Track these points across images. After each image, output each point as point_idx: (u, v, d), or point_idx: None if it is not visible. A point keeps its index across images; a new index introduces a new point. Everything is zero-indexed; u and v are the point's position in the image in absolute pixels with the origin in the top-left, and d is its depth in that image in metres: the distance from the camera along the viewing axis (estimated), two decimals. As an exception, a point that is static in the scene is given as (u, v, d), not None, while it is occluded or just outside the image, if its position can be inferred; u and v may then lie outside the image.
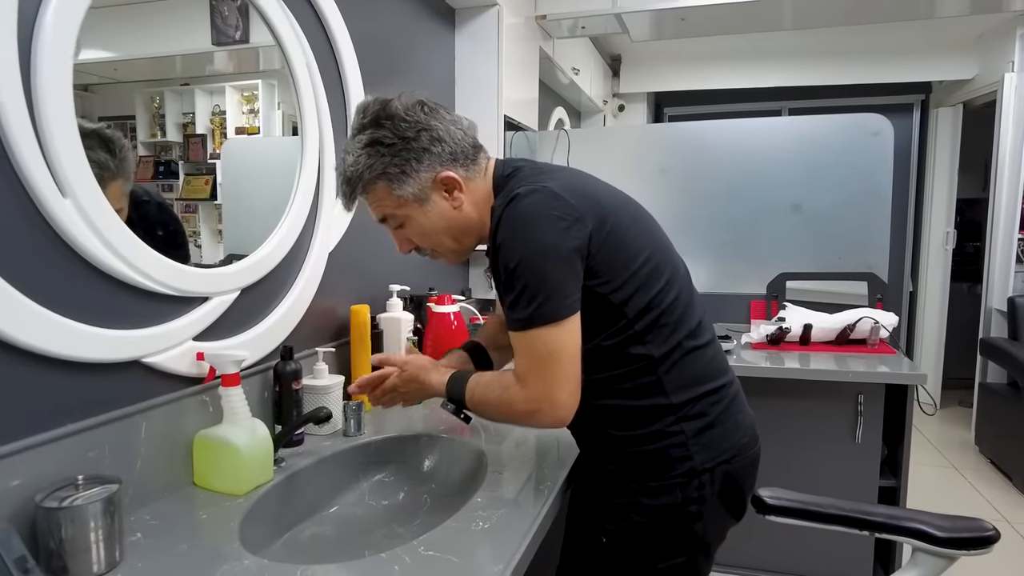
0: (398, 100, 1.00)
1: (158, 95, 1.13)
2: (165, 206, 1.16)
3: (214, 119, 1.22)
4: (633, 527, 1.04)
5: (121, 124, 1.04)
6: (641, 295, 0.98)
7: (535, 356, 0.94)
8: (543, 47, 2.70)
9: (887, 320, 2.19)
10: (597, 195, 1.00)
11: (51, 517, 0.81)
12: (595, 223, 0.95)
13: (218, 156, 1.22)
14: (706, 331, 1.08)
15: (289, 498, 1.13)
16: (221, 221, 1.22)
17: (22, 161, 0.82)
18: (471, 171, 1.03)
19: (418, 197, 1.00)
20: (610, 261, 0.96)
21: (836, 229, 2.45)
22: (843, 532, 1.08)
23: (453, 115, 1.04)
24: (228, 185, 1.23)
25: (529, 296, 0.92)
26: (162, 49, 1.14)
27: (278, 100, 1.36)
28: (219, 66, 1.27)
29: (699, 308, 1.08)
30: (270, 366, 1.27)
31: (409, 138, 0.98)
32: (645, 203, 1.11)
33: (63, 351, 0.88)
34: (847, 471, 2.05)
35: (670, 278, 1.02)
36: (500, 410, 1.01)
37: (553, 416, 0.95)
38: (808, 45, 4.04)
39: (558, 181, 0.97)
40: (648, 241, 1.01)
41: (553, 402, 0.94)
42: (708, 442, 1.02)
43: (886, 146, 2.36)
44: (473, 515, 0.99)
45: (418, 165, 0.99)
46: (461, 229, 1.04)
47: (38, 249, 0.86)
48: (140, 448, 1.01)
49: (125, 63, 1.05)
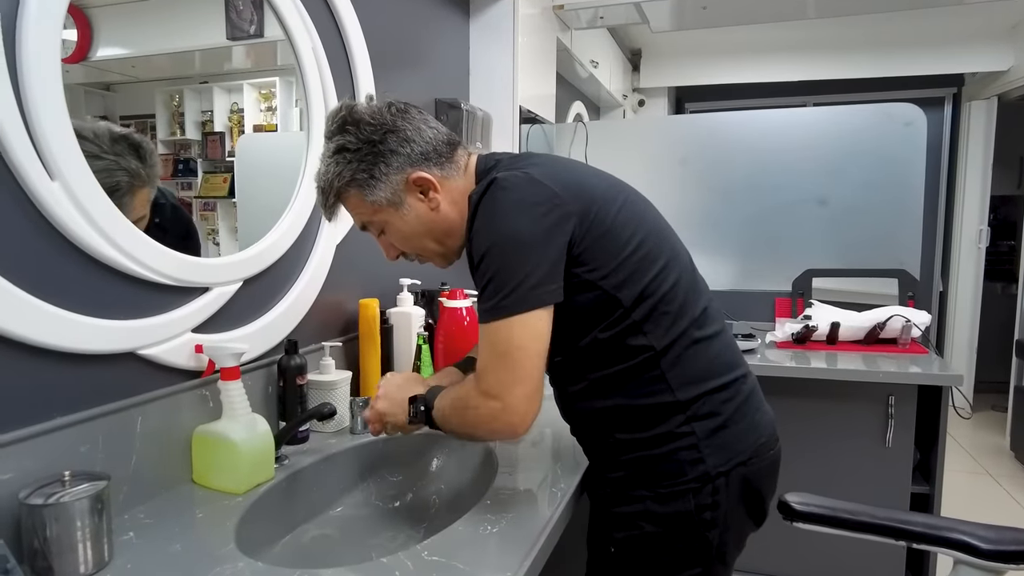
0: (365, 103, 0.97)
1: (178, 93, 1.12)
2: (177, 206, 1.15)
3: (232, 117, 1.21)
4: (643, 537, 0.98)
5: (141, 122, 1.04)
6: (635, 281, 0.92)
7: (495, 352, 0.87)
8: (561, 38, 2.64)
9: (919, 319, 2.10)
10: (582, 180, 0.95)
11: (35, 515, 0.77)
12: (579, 209, 0.90)
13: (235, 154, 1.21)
14: (713, 320, 1.01)
15: (291, 498, 1.09)
16: (237, 219, 1.21)
17: (5, 140, 0.78)
18: (447, 169, 0.99)
19: (392, 201, 0.96)
20: (598, 247, 0.90)
21: (865, 224, 2.36)
22: (875, 541, 1.01)
23: (425, 114, 1.00)
24: (243, 181, 1.21)
25: (496, 286, 0.86)
26: (178, 45, 1.13)
27: (295, 97, 1.34)
28: (237, 63, 1.26)
29: (704, 295, 1.02)
30: (274, 360, 1.23)
31: (375, 141, 0.95)
32: (665, 197, 1.06)
33: (53, 341, 0.84)
34: (877, 476, 1.96)
35: (667, 263, 0.96)
36: (457, 413, 0.93)
37: (504, 420, 0.86)
38: (833, 37, 3.92)
39: (539, 168, 0.92)
40: (640, 225, 0.96)
41: (505, 404, 0.86)
42: (722, 443, 0.95)
43: (919, 136, 2.26)
44: (481, 518, 0.93)
45: (387, 168, 0.95)
46: (442, 231, 1.00)
47: (25, 235, 0.82)
48: (136, 443, 0.97)
49: (144, 61, 1.04)
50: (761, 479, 1.01)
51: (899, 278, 2.27)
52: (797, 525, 1.04)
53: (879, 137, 2.31)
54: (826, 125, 2.39)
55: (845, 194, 2.38)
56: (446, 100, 1.92)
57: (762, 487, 1.02)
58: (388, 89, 1.63)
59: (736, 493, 0.97)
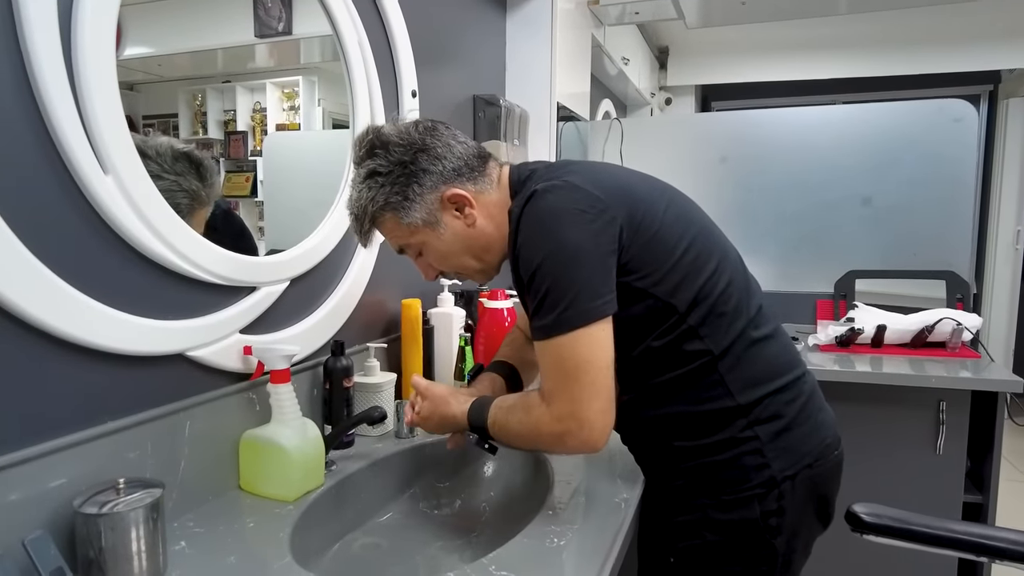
0: (392, 124, 0.96)
1: (200, 92, 1.11)
2: (229, 211, 1.13)
3: (255, 116, 1.19)
4: (705, 546, 0.94)
5: (164, 122, 1.03)
6: (688, 285, 0.88)
7: (561, 369, 0.83)
8: (595, 34, 2.59)
9: (970, 322, 2.03)
10: (624, 184, 0.92)
11: (90, 524, 0.73)
12: (625, 214, 0.86)
13: (259, 153, 1.19)
14: (769, 319, 0.97)
15: (340, 505, 1.05)
16: (262, 218, 1.19)
17: (61, 131, 0.74)
18: (480, 183, 0.95)
19: (428, 221, 0.94)
20: (648, 252, 0.87)
21: (911, 224, 2.28)
22: (931, 552, 0.96)
23: (453, 129, 0.97)
24: (270, 181, 1.19)
25: (553, 300, 0.82)
26: (205, 43, 1.11)
27: (318, 96, 1.31)
28: (260, 62, 1.24)
29: (757, 294, 0.98)
30: (319, 362, 1.19)
31: (406, 162, 0.92)
32: (703, 195, 1.02)
33: (104, 341, 0.81)
34: (927, 485, 1.89)
35: (719, 263, 0.92)
36: (525, 435, 0.90)
37: (581, 439, 0.83)
38: (862, 33, 3.83)
39: (579, 174, 0.89)
40: (688, 226, 0.92)
41: (582, 422, 0.82)
42: (787, 446, 0.92)
43: (969, 133, 2.18)
44: (545, 530, 0.89)
45: (420, 188, 0.92)
46: (481, 246, 0.97)
47: (78, 231, 0.79)
48: (184, 449, 0.93)
49: (168, 60, 1.02)
50: (827, 481, 0.99)
51: (947, 280, 2.19)
52: (868, 538, 0.99)
53: (927, 133, 2.23)
54: (870, 123, 2.31)
55: (890, 193, 2.30)
56: (484, 96, 1.88)
57: (828, 490, 1.00)
58: (428, 85, 1.59)
59: (802, 497, 0.94)
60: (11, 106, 0.71)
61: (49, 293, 0.74)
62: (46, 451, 0.75)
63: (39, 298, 0.73)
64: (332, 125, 1.35)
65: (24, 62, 0.72)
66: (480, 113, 1.87)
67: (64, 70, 0.75)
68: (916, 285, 2.25)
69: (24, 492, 0.73)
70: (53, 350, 0.77)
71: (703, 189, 2.45)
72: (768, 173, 2.42)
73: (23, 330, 0.73)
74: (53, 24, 0.74)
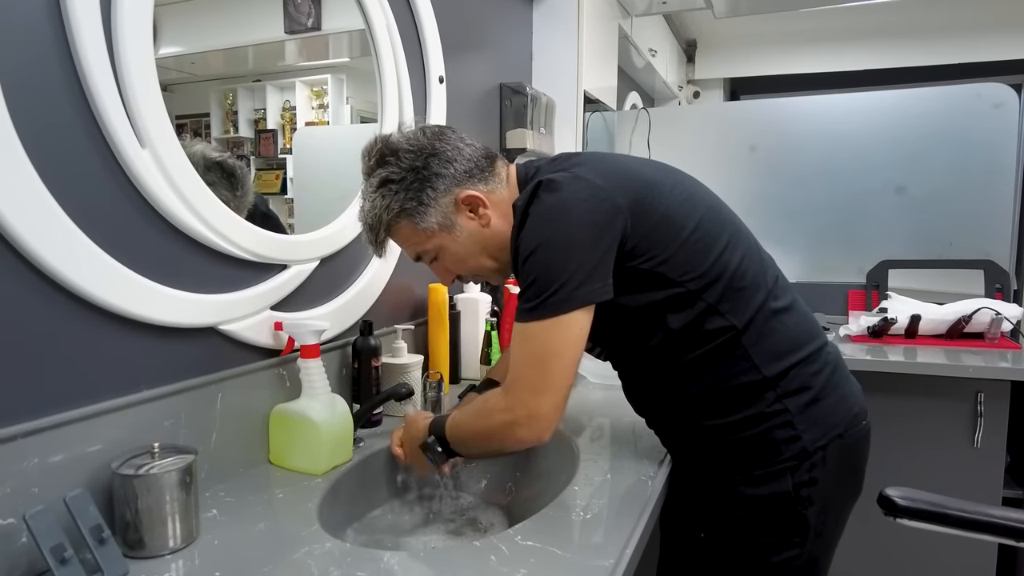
0: (399, 132, 0.96)
1: (231, 92, 1.13)
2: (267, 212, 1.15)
3: (284, 114, 1.21)
4: (737, 520, 0.95)
5: (196, 121, 1.05)
6: (699, 262, 0.89)
7: (530, 355, 0.84)
8: (622, 24, 2.58)
9: (1010, 312, 1.97)
10: (629, 170, 0.92)
11: (127, 485, 0.75)
12: (630, 200, 0.87)
13: (288, 151, 1.21)
14: (787, 290, 0.98)
15: (367, 480, 1.06)
16: (292, 215, 1.20)
17: (101, 104, 0.77)
18: (491, 183, 0.96)
19: (443, 225, 0.94)
20: (656, 234, 0.88)
21: (946, 212, 2.22)
22: (967, 538, 0.94)
23: (459, 132, 0.98)
24: (299, 176, 1.21)
25: (540, 286, 0.83)
26: (236, 40, 1.13)
27: (347, 94, 1.33)
28: (290, 59, 1.26)
29: (772, 266, 0.98)
30: (348, 342, 1.21)
31: (417, 167, 0.92)
32: (731, 185, 1.01)
33: (139, 311, 0.83)
34: (964, 479, 1.84)
35: (730, 239, 0.92)
36: (479, 428, 0.90)
37: (529, 428, 0.83)
38: (892, 23, 3.74)
39: (583, 166, 0.90)
40: (696, 206, 0.93)
41: (531, 412, 0.83)
42: (817, 417, 0.92)
43: (1010, 119, 2.12)
44: (572, 503, 0.89)
45: (434, 192, 0.92)
46: (496, 246, 0.97)
47: (116, 203, 0.81)
48: (216, 420, 0.95)
49: (202, 58, 1.05)
50: (858, 451, 0.99)
51: (985, 269, 2.13)
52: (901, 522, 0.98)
53: (964, 119, 2.17)
54: (903, 108, 2.26)
55: (924, 181, 2.24)
56: (510, 84, 1.88)
57: (859, 459, 1.00)
58: (455, 73, 1.60)
59: (834, 467, 0.94)
60: (56, 84, 0.74)
61: (89, 262, 0.76)
62: (87, 414, 0.77)
63: (82, 267, 0.75)
64: (360, 122, 1.37)
65: (68, 40, 0.74)
66: (507, 101, 1.87)
67: (105, 47, 0.77)
68: (952, 280, 2.18)
69: (66, 453, 0.75)
70: (93, 317, 0.79)
71: (732, 178, 2.42)
72: (798, 162, 2.38)
73: (64, 296, 0.76)
74: (95, 1, 0.76)
